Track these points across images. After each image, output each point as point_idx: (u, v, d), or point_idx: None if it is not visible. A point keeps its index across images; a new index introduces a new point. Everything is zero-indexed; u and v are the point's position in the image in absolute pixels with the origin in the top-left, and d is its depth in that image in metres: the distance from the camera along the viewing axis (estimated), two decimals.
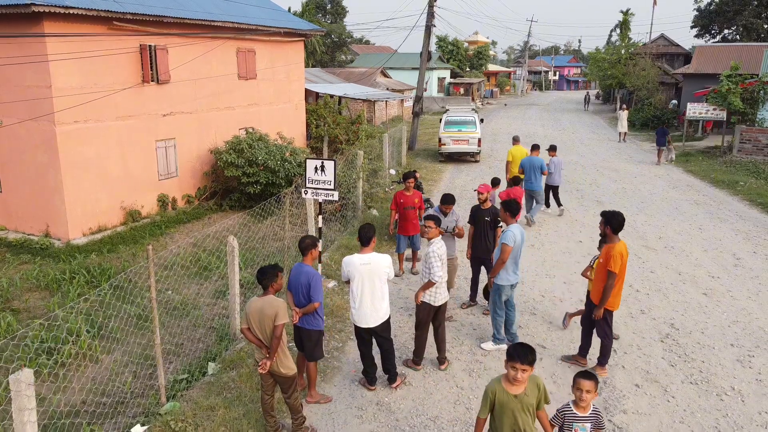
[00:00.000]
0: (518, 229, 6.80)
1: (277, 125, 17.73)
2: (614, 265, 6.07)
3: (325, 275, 9.31)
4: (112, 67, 12.52)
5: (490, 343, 7.06)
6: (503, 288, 6.87)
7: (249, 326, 5.10)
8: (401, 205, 9.39)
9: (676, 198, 15.29)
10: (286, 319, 4.97)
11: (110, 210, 12.97)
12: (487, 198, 8.05)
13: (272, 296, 5.05)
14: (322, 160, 8.84)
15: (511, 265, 6.81)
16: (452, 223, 7.74)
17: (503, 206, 6.95)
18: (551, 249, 10.88)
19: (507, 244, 6.63)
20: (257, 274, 5.13)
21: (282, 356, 5.04)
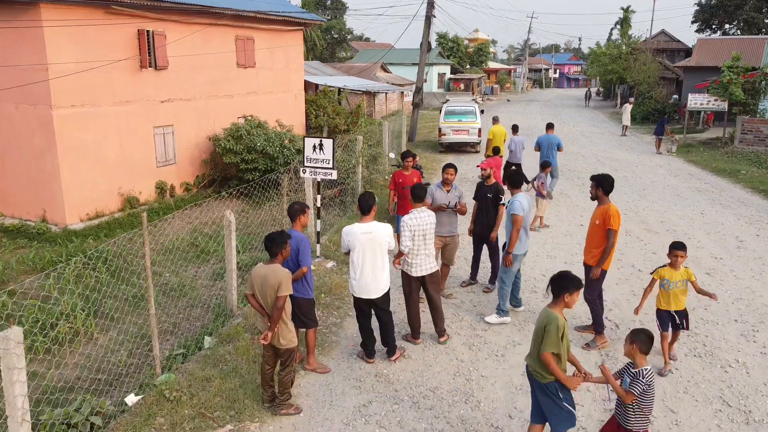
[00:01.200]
0: (524, 198, 6.78)
1: (276, 114, 17.62)
2: (615, 223, 6.16)
3: (324, 256, 9.21)
4: (109, 52, 12.41)
5: (494, 316, 6.99)
6: (518, 257, 6.86)
7: (253, 292, 4.98)
8: (400, 185, 9.29)
9: (677, 185, 15.19)
10: (290, 290, 4.85)
11: (108, 196, 12.87)
12: (490, 174, 7.94)
13: (278, 265, 4.92)
14: (320, 138, 8.76)
15: (523, 234, 6.79)
16: (455, 199, 7.57)
17: (505, 179, 6.91)
18: (553, 232, 10.78)
19: (517, 213, 6.63)
20: (265, 241, 4.99)
21: (283, 328, 4.93)
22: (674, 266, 5.83)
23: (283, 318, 4.91)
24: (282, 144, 14.09)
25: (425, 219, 6.03)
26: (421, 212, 6.06)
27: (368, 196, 5.70)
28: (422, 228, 6.00)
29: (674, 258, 5.80)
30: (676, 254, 5.80)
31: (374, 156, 14.12)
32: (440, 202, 7.18)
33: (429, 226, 6.06)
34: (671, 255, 5.84)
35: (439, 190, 7.37)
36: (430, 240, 6.09)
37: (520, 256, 6.88)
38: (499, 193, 7.68)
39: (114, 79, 12.67)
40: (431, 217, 6.12)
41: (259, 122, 14.84)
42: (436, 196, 7.29)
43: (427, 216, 6.07)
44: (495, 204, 7.75)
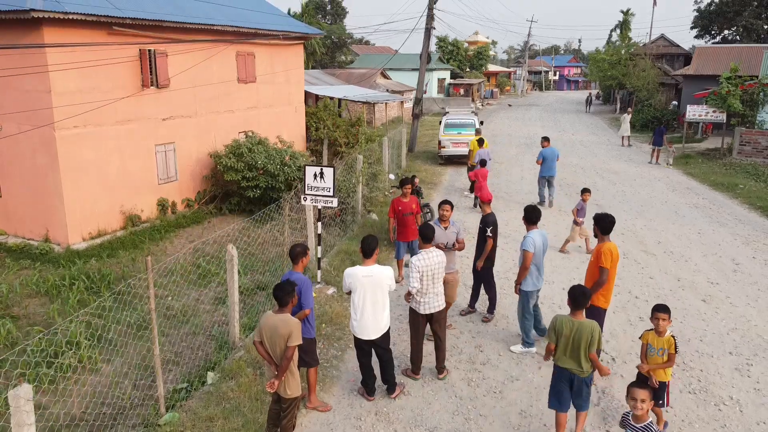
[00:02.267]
0: (538, 235, 6.91)
1: (276, 128, 17.74)
2: (605, 261, 6.30)
3: (324, 281, 9.32)
4: (111, 72, 12.52)
5: (519, 347, 7.15)
6: (530, 294, 7.00)
7: (261, 340, 5.05)
8: (399, 212, 9.39)
9: (675, 201, 15.30)
10: (300, 340, 4.94)
11: (110, 214, 12.98)
12: (483, 204, 8.07)
13: (288, 315, 4.99)
14: (321, 166, 8.87)
15: (535, 271, 6.91)
16: (453, 236, 7.42)
17: (524, 214, 7.03)
18: (549, 253, 10.85)
19: (527, 250, 6.77)
20: (275, 291, 5.02)
21: (289, 377, 5.02)
22: (657, 331, 5.30)
23: (290, 367, 5.00)
24: (282, 161, 14.19)
25: (434, 259, 6.13)
26: (429, 253, 6.16)
27: (370, 240, 5.80)
28: (431, 269, 6.10)
29: (655, 321, 5.28)
30: (657, 317, 5.27)
31: (374, 174, 14.22)
32: (438, 241, 7.25)
33: (438, 266, 6.15)
34: (653, 318, 5.32)
35: (437, 228, 7.40)
36: (439, 280, 6.19)
37: (532, 293, 6.99)
38: (486, 225, 7.78)
39: (116, 98, 12.77)
40: (440, 257, 6.21)
41: (259, 139, 14.94)
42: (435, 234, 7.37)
43: (435, 256, 6.16)
44: (483, 235, 7.85)
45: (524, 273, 6.85)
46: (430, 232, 6.24)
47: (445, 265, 6.74)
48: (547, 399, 5.44)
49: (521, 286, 6.99)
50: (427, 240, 6.20)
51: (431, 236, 6.23)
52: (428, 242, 6.20)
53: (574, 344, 5.05)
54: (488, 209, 8.05)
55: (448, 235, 7.33)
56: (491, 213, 7.99)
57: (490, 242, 7.75)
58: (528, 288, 6.96)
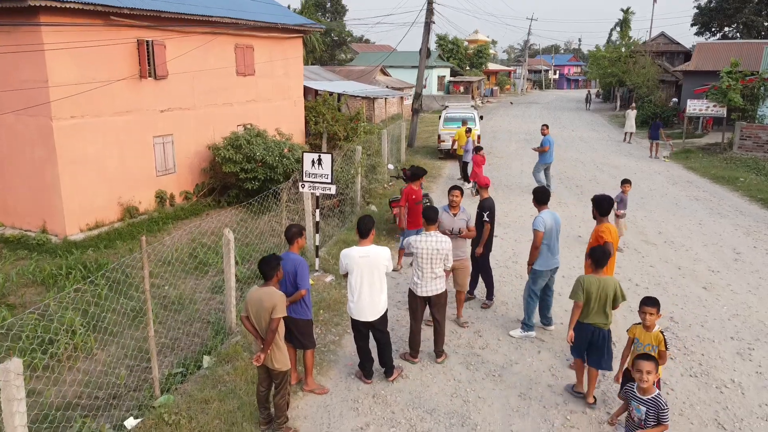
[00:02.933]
0: (549, 214, 6.82)
1: (275, 122, 17.67)
2: (606, 236, 6.27)
3: (322, 269, 9.25)
4: (109, 63, 12.46)
5: (519, 331, 7.09)
6: (541, 273, 6.90)
7: (248, 315, 5.05)
8: (412, 201, 9.15)
9: (675, 194, 15.23)
10: (284, 312, 4.91)
11: (107, 206, 12.91)
12: (481, 189, 8.00)
13: (273, 288, 4.98)
14: (319, 153, 8.80)
15: (546, 251, 6.80)
16: (461, 223, 7.21)
17: (533, 195, 6.96)
18: None
19: (537, 229, 6.68)
20: (259, 264, 5.05)
21: (276, 350, 4.98)
22: (644, 325, 4.99)
23: (276, 341, 4.96)
24: (281, 153, 14.13)
25: (433, 244, 6.03)
26: (429, 236, 6.08)
27: (367, 220, 5.74)
28: (429, 251, 6.03)
29: (643, 315, 4.96)
30: (644, 311, 4.94)
31: (373, 165, 14.16)
32: (446, 227, 7.17)
33: (436, 251, 6.04)
34: (640, 312, 5.00)
35: (445, 214, 7.27)
36: (438, 263, 6.09)
37: (544, 272, 6.89)
38: (483, 209, 7.71)
39: (114, 89, 12.71)
40: (441, 243, 6.07)
41: (258, 131, 14.88)
42: (442, 220, 7.25)
43: (435, 242, 6.05)
44: (480, 220, 7.78)
45: (535, 253, 6.76)
46: (433, 213, 6.18)
47: (453, 252, 6.59)
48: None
49: (533, 265, 6.88)
50: (431, 221, 6.13)
51: (434, 218, 6.17)
52: (431, 223, 6.14)
53: (601, 300, 5.39)
54: (486, 194, 7.98)
55: (457, 221, 7.20)
56: (489, 198, 7.91)
57: (487, 227, 7.68)
58: (540, 267, 6.84)
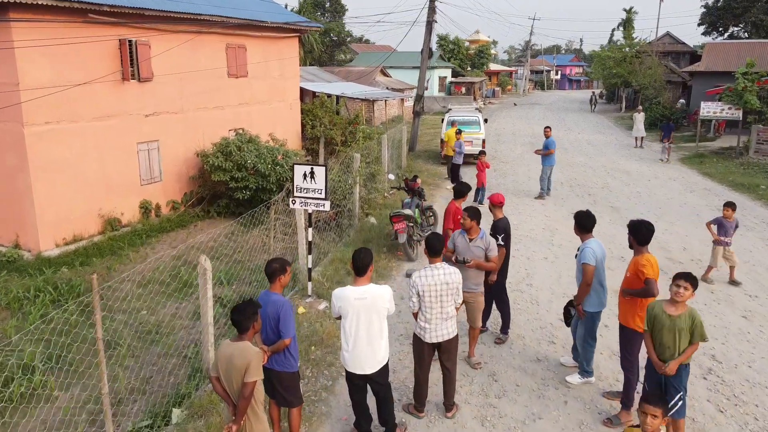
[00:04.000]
0: (597, 244, 5.87)
1: (270, 126, 16.75)
2: (649, 271, 5.31)
3: (315, 294, 8.31)
4: (88, 64, 11.52)
5: (577, 377, 6.14)
6: (597, 315, 5.99)
7: (218, 375, 4.14)
8: (459, 221, 7.56)
9: (695, 203, 14.29)
10: (260, 375, 3.98)
11: (86, 218, 11.97)
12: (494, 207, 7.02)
13: (247, 344, 4.05)
14: (311, 165, 7.88)
15: (598, 287, 5.87)
16: (478, 252, 6.11)
17: (575, 219, 6.01)
18: (566, 262, 9.87)
19: (588, 263, 5.72)
20: (232, 314, 4.14)
21: (252, 419, 4.05)
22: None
23: (252, 406, 4.04)
24: (274, 160, 13.19)
25: (439, 278, 5.08)
26: (435, 270, 5.12)
27: (363, 254, 4.79)
28: (436, 288, 5.08)
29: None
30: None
31: (372, 173, 13.23)
32: (459, 254, 6.17)
33: (444, 287, 5.10)
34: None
35: (461, 238, 6.29)
36: (448, 302, 5.14)
37: (598, 314, 5.99)
38: (497, 231, 6.76)
39: (94, 92, 11.79)
40: (450, 276, 5.12)
41: (250, 137, 13.95)
42: (457, 244, 6.30)
43: (442, 275, 5.10)
44: None
45: (586, 291, 5.82)
46: (438, 243, 5.20)
47: (464, 284, 5.62)
48: None
49: (584, 306, 5.95)
50: (435, 252, 5.17)
51: (440, 248, 5.20)
52: (436, 255, 5.18)
53: (672, 333, 4.72)
54: (500, 213, 7.02)
55: (473, 249, 6.15)
56: (503, 218, 6.96)
57: (502, 252, 6.74)
58: (593, 308, 5.92)
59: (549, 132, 14.86)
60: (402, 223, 9.48)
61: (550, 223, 12.16)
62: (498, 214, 6.93)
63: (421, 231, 10.34)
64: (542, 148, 14.69)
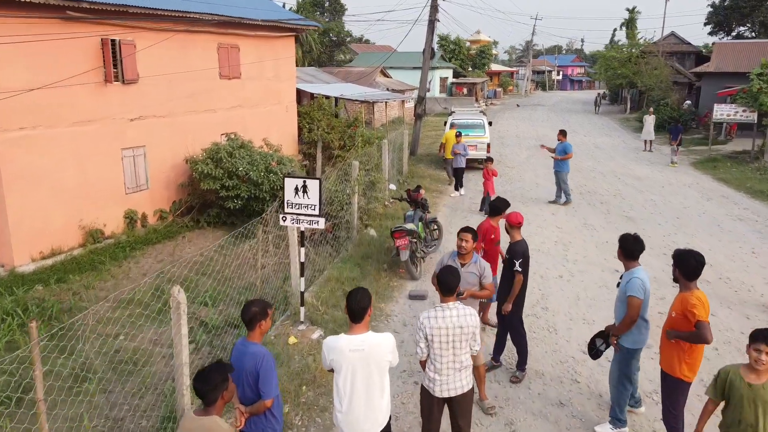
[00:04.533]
0: (645, 275, 5.09)
1: (265, 130, 15.96)
2: (700, 312, 4.46)
3: (309, 320, 7.50)
4: (67, 65, 10.71)
5: (608, 427, 5.31)
6: (635, 353, 5.19)
7: None
8: (491, 241, 6.92)
9: (714, 212, 13.48)
10: None
11: (66, 230, 11.17)
12: (512, 228, 6.19)
13: (215, 419, 3.27)
14: (304, 178, 7.08)
15: (642, 323, 5.08)
16: (471, 278, 5.45)
17: (620, 243, 5.22)
18: (584, 281, 9.07)
19: (636, 296, 4.92)
20: (195, 382, 3.37)
21: None
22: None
23: None
24: (268, 167, 12.40)
25: (451, 321, 4.26)
26: (447, 310, 4.31)
27: (360, 296, 3.96)
28: (448, 333, 4.27)
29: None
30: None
31: (372, 181, 12.42)
32: None
33: (458, 331, 4.27)
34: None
35: (451, 262, 5.53)
36: (462, 348, 4.34)
37: (637, 352, 5.21)
38: (514, 256, 5.96)
39: (74, 96, 11.00)
40: (465, 318, 4.29)
41: (242, 142, 13.14)
42: None
43: (456, 317, 4.28)
44: (509, 268, 6.03)
45: (628, 326, 5.03)
46: (452, 278, 4.37)
47: None
48: None
49: (622, 343, 5.15)
50: (448, 289, 4.36)
51: (453, 285, 4.37)
52: (449, 293, 4.37)
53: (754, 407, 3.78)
54: (518, 235, 6.20)
55: (466, 276, 5.39)
56: (522, 240, 6.13)
57: (519, 279, 5.94)
58: (633, 344, 5.13)
59: (562, 137, 14.12)
60: (404, 239, 8.67)
61: (563, 236, 11.35)
62: (516, 236, 6.12)
63: (425, 247, 9.53)
64: (557, 151, 13.85)
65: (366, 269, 9.26)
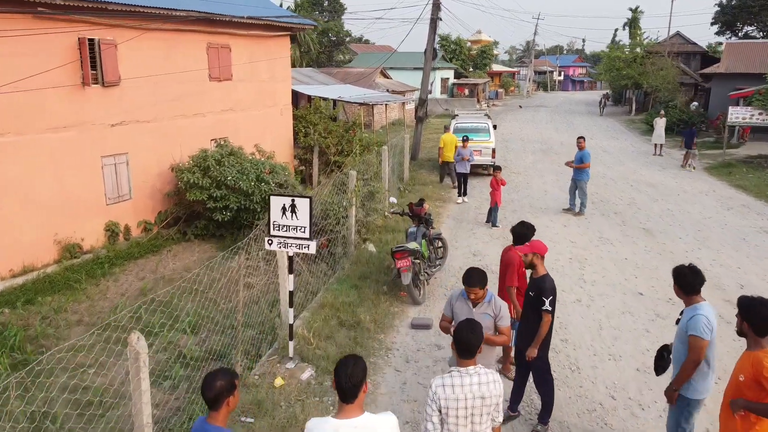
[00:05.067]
0: (710, 310, 4.23)
1: (258, 134, 15.10)
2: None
3: (299, 357, 6.63)
4: (39, 66, 9.83)
5: None
6: (697, 405, 4.35)
7: None
8: (524, 276, 6.03)
9: (737, 224, 12.60)
10: None
11: (39, 245, 10.31)
12: (532, 261, 5.23)
13: None
14: (292, 197, 6.22)
15: (705, 367, 4.24)
16: (487, 321, 4.52)
17: (675, 278, 4.36)
18: (605, 306, 8.19)
19: (699, 336, 4.10)
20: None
21: None
22: None
23: None
24: (259, 176, 11.54)
25: (471, 390, 3.40)
26: (466, 376, 3.44)
27: (352, 369, 3.05)
28: (466, 405, 3.41)
29: None
30: None
31: (371, 192, 11.55)
32: None
33: (478, 402, 3.41)
34: None
35: (461, 302, 4.69)
36: (484, 424, 3.47)
37: (698, 403, 4.37)
38: (543, 292, 5.08)
39: (47, 99, 10.14)
40: (489, 386, 3.43)
41: (231, 149, 12.28)
42: (456, 311, 4.70)
43: (477, 384, 3.41)
44: (536, 307, 5.16)
45: (692, 371, 4.19)
46: (473, 338, 3.48)
47: None
48: None
49: (683, 392, 4.31)
50: (468, 353, 3.48)
51: (475, 346, 3.48)
52: (469, 355, 3.50)
53: None
54: (542, 268, 5.22)
55: (479, 318, 4.48)
56: (547, 275, 5.20)
57: (548, 320, 5.07)
58: (695, 394, 4.30)
59: (582, 143, 13.27)
60: (406, 259, 7.80)
61: (577, 252, 10.48)
62: (540, 269, 5.19)
63: (429, 268, 8.66)
64: (576, 160, 13.14)
65: (364, 292, 8.39)
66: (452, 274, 9.41)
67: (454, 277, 9.30)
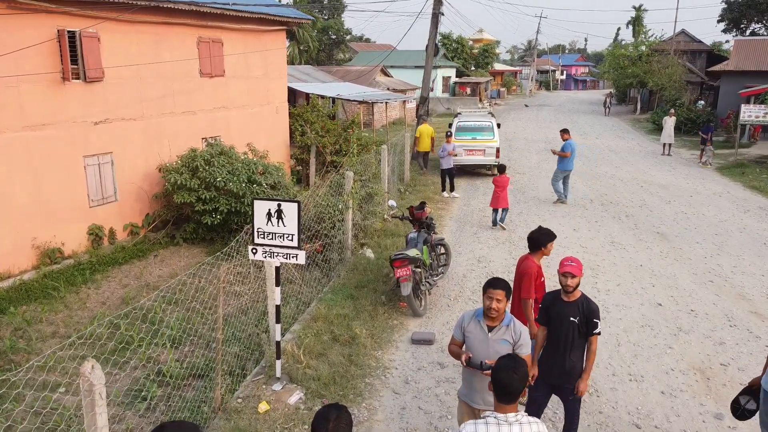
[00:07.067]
0: None
1: (252, 133, 14.47)
2: None
3: (287, 376, 5.99)
4: (14, 60, 9.23)
5: None
6: None
7: None
8: (542, 287, 5.38)
9: (756, 228, 11.94)
10: None
11: (15, 250, 9.69)
12: (578, 285, 4.45)
13: None
14: (278, 201, 5.58)
15: None
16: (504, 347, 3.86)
17: None
18: (621, 319, 7.54)
19: None
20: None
21: None
22: None
23: None
24: (250, 177, 10.92)
25: None
26: (504, 426, 2.82)
27: (334, 422, 2.41)
28: None
29: None
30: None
31: (370, 194, 10.92)
32: (474, 350, 3.95)
33: None
34: None
35: (474, 325, 4.07)
36: None
37: None
38: (590, 315, 4.42)
39: (23, 96, 9.54)
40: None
41: (222, 149, 11.65)
42: (468, 335, 4.06)
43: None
44: (586, 334, 4.43)
45: None
46: (519, 381, 2.89)
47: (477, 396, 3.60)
48: None
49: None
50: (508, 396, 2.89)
51: (519, 389, 2.89)
52: (510, 401, 2.89)
53: None
54: (576, 290, 4.43)
55: (494, 345, 3.91)
56: (585, 296, 4.48)
57: (595, 343, 4.43)
58: None
59: (566, 135, 13.80)
60: (406, 268, 7.16)
61: (589, 258, 9.82)
62: (574, 293, 4.46)
63: (431, 277, 8.01)
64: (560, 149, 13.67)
65: (360, 303, 7.75)
66: (456, 283, 8.78)
67: (458, 285, 8.67)
